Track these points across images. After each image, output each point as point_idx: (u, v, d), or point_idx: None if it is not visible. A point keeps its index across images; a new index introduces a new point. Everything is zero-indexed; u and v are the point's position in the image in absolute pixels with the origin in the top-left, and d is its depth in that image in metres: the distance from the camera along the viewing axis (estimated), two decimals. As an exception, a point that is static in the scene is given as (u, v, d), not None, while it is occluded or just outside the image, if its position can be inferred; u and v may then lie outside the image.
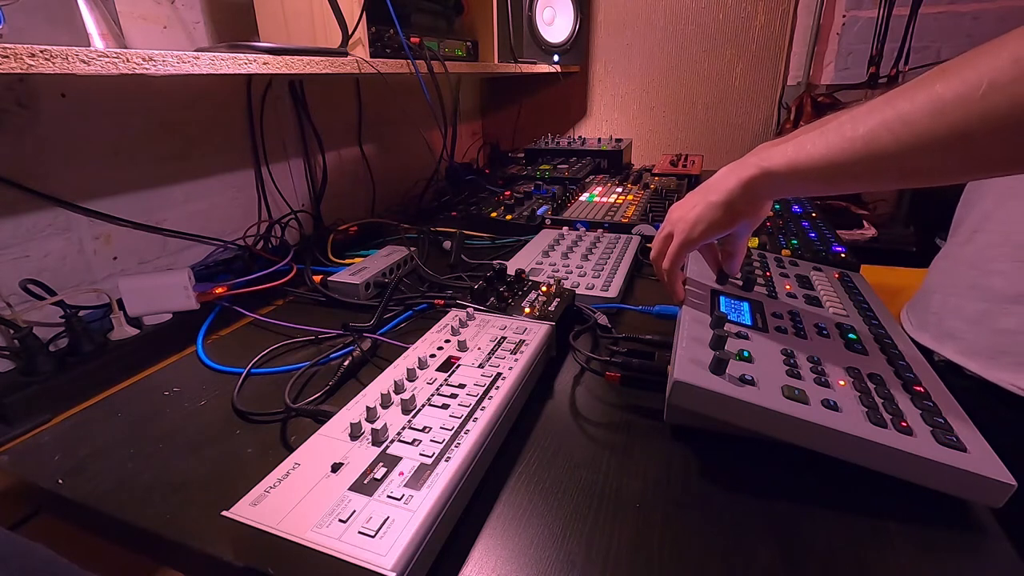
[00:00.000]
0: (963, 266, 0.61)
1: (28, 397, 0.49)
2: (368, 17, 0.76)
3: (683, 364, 0.41)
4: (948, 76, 0.32)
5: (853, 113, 0.38)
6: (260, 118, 0.87)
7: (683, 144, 1.74)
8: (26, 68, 0.41)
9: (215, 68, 0.56)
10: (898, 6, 1.41)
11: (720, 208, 0.46)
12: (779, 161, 0.42)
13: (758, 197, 0.45)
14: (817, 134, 0.40)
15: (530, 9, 1.34)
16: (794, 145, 0.41)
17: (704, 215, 0.47)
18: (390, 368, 0.47)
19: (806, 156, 0.40)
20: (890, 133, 0.35)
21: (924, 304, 0.68)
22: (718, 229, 0.47)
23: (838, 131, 0.38)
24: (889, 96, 0.36)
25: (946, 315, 0.62)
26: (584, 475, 0.41)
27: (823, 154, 0.39)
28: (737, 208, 0.46)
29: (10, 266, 0.58)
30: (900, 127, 0.34)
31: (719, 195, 0.46)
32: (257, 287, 0.69)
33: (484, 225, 1.01)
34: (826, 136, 0.39)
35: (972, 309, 0.59)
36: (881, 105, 0.36)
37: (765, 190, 0.44)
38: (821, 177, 0.40)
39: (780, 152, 0.42)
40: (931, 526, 0.36)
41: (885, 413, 0.38)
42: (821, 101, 1.48)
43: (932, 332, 0.64)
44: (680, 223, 0.49)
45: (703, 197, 0.47)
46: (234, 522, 0.31)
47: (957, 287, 0.62)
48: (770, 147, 0.45)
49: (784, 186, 0.43)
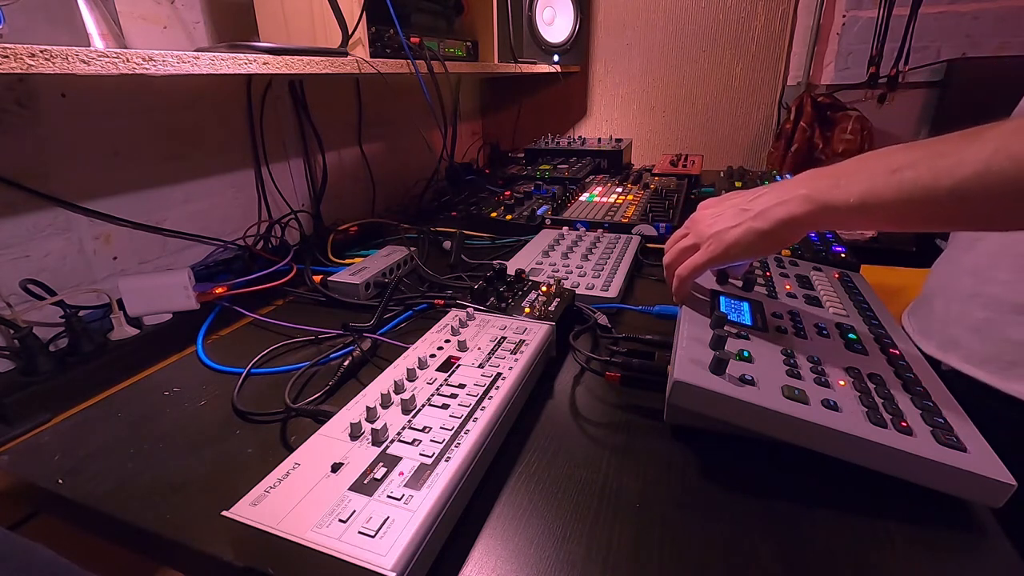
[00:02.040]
0: (964, 273, 0.60)
1: (28, 397, 0.49)
2: (368, 17, 0.76)
3: (683, 364, 0.41)
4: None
5: (928, 151, 0.36)
6: (260, 118, 0.87)
7: (683, 144, 1.74)
8: (26, 68, 0.41)
9: (215, 68, 0.56)
10: (898, 6, 1.41)
11: (764, 237, 0.44)
12: (842, 197, 0.40)
13: (808, 230, 0.44)
14: (886, 173, 0.38)
15: (530, 9, 1.34)
16: (861, 184, 0.39)
17: (743, 239, 0.45)
18: (390, 368, 0.47)
19: (875, 198, 0.38)
20: (982, 187, 0.34)
21: (926, 310, 0.67)
22: (756, 255, 0.46)
23: (914, 177, 0.36)
24: (966, 138, 0.35)
25: (949, 323, 0.62)
26: (584, 475, 0.41)
27: (895, 196, 0.37)
28: (781, 239, 0.44)
29: (10, 266, 0.58)
30: (991, 179, 0.33)
31: (766, 224, 0.44)
32: (257, 287, 0.69)
33: (484, 225, 1.01)
34: (900, 176, 0.37)
35: (975, 317, 0.58)
36: (962, 148, 0.35)
37: (819, 225, 0.43)
38: (888, 219, 0.39)
39: (842, 189, 0.40)
40: (931, 526, 0.36)
41: (885, 413, 0.38)
42: (821, 101, 1.48)
43: (936, 340, 0.63)
44: (713, 240, 0.47)
45: (744, 218, 0.45)
46: (234, 522, 0.31)
47: (959, 294, 0.61)
48: (823, 179, 0.42)
49: (841, 222, 0.42)
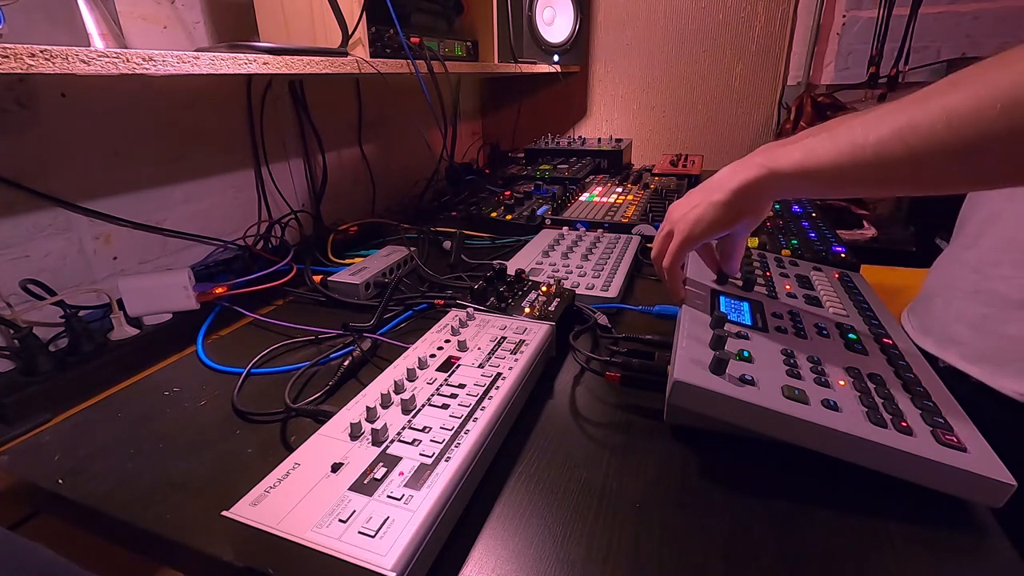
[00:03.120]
0: (966, 270, 0.61)
1: (28, 397, 0.49)
2: (368, 17, 0.76)
3: (683, 364, 0.41)
4: (962, 88, 0.32)
5: (863, 119, 0.38)
6: (260, 118, 0.87)
7: (683, 144, 1.74)
8: (26, 68, 0.41)
9: (215, 68, 0.56)
10: (898, 6, 1.41)
11: (722, 207, 0.46)
12: (786, 162, 0.42)
13: (762, 197, 0.45)
14: (825, 137, 0.40)
15: (530, 9, 1.34)
16: (802, 147, 0.41)
17: (705, 214, 0.47)
18: (390, 368, 0.47)
19: (815, 159, 0.40)
20: (902, 141, 0.35)
21: (926, 308, 0.67)
22: (719, 228, 0.47)
23: (848, 136, 0.38)
24: (900, 104, 0.36)
25: (949, 320, 0.62)
26: (584, 475, 0.41)
27: (832, 158, 0.39)
28: (739, 208, 0.46)
29: (10, 266, 0.58)
30: (912, 136, 0.34)
31: (722, 194, 0.46)
32: (257, 287, 0.69)
33: (484, 225, 1.01)
34: (835, 140, 0.39)
35: (975, 314, 0.58)
36: (893, 112, 0.36)
37: (770, 191, 0.44)
38: (828, 181, 0.40)
39: (787, 153, 0.42)
40: (931, 526, 0.36)
41: (885, 413, 0.38)
42: (821, 101, 1.48)
43: (935, 337, 0.63)
44: (681, 222, 0.49)
45: (705, 196, 0.47)
46: (234, 522, 0.31)
47: (960, 291, 0.61)
48: (775, 148, 0.45)
49: (790, 187, 0.43)
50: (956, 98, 0.32)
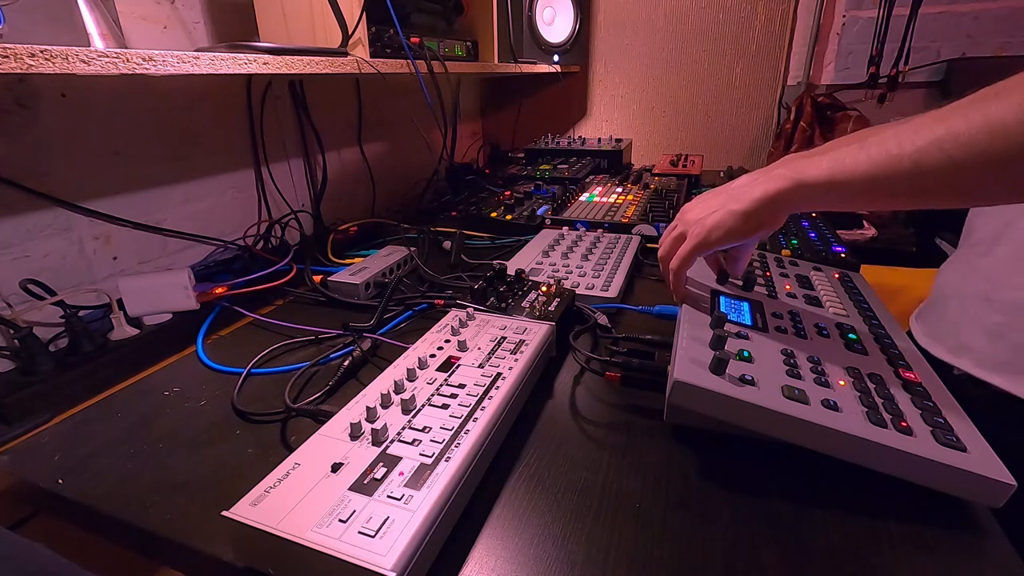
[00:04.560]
0: (980, 278, 0.59)
1: (28, 397, 0.49)
2: (368, 17, 0.76)
3: (683, 364, 0.41)
4: (1005, 97, 0.32)
5: (896, 129, 0.37)
6: (260, 118, 0.87)
7: (683, 144, 1.74)
8: (26, 68, 0.41)
9: (215, 68, 0.56)
10: (898, 6, 1.41)
11: (741, 217, 0.45)
12: (814, 173, 0.41)
13: (784, 209, 0.44)
14: (856, 148, 0.39)
15: (530, 9, 1.34)
16: (830, 158, 0.41)
17: (723, 222, 0.46)
18: (390, 368, 0.47)
19: (845, 169, 0.39)
20: (941, 151, 0.34)
21: (937, 314, 0.66)
22: (736, 237, 0.46)
23: (882, 146, 0.37)
24: (938, 114, 0.36)
25: (962, 327, 0.61)
26: (584, 475, 0.41)
27: (865, 169, 0.38)
28: (760, 219, 0.45)
29: (10, 266, 0.58)
30: (952, 145, 0.34)
31: (743, 204, 0.45)
32: (257, 287, 0.69)
33: (484, 225, 1.01)
34: (867, 151, 0.38)
35: (990, 321, 0.57)
36: (930, 123, 0.36)
37: (795, 202, 0.43)
38: (858, 192, 0.40)
39: (814, 164, 0.42)
40: (931, 526, 0.36)
41: (885, 413, 0.38)
42: (821, 101, 1.48)
43: (948, 344, 0.62)
44: (695, 226, 0.48)
45: (724, 203, 0.46)
46: (234, 522, 0.31)
47: (973, 298, 0.60)
48: (799, 159, 0.44)
49: (816, 199, 0.42)
50: (999, 107, 0.32)
